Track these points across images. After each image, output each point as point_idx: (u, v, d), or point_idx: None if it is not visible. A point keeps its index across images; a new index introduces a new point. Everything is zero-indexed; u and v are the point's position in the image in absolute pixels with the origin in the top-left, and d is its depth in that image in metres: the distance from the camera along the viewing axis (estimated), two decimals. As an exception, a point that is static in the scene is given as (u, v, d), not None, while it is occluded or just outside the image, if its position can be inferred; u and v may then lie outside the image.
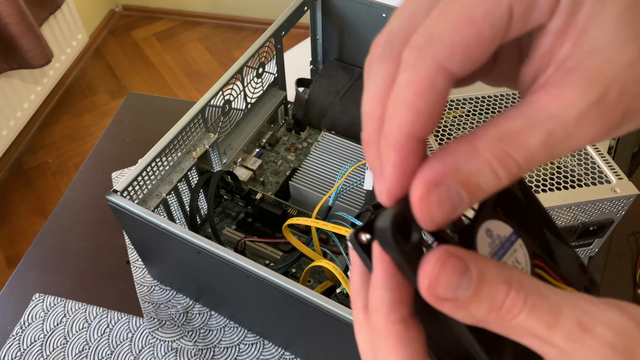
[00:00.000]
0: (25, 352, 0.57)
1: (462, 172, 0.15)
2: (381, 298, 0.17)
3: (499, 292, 0.15)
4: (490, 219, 0.19)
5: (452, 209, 0.15)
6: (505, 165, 0.15)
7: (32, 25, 1.47)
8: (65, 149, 1.68)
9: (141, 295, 0.61)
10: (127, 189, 0.50)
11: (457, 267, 0.15)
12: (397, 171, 0.16)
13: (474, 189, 0.15)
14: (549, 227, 0.21)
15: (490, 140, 0.15)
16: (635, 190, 0.49)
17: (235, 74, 0.59)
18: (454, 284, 0.15)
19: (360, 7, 0.67)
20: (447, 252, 0.15)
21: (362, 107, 0.17)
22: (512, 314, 0.15)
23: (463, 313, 0.15)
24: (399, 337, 0.16)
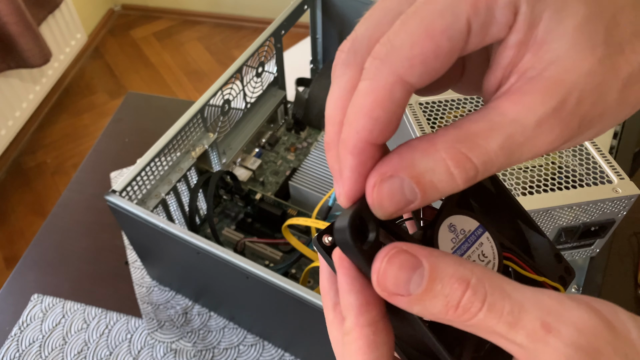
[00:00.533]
0: (23, 353, 0.57)
1: (417, 169, 0.15)
2: (348, 302, 0.17)
3: (455, 290, 0.15)
4: (454, 214, 0.19)
5: (405, 202, 0.15)
6: (461, 166, 0.15)
7: (31, 25, 1.46)
8: (63, 148, 1.68)
9: (140, 296, 0.61)
10: (126, 189, 0.49)
11: (407, 262, 0.15)
12: (354, 174, 0.16)
13: (428, 187, 0.15)
14: (522, 217, 0.21)
15: (449, 141, 0.15)
16: (637, 190, 0.48)
17: (234, 74, 0.59)
18: (404, 279, 0.15)
19: (360, 5, 0.66)
20: (396, 248, 0.16)
21: (325, 110, 0.18)
22: (469, 313, 0.15)
23: (419, 309, 0.15)
24: (367, 340, 0.17)
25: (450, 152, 0.15)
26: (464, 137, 0.15)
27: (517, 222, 0.21)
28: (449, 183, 0.15)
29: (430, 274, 0.15)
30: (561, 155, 0.51)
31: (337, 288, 0.19)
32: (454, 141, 0.15)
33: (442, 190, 0.15)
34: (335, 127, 0.17)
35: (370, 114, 0.15)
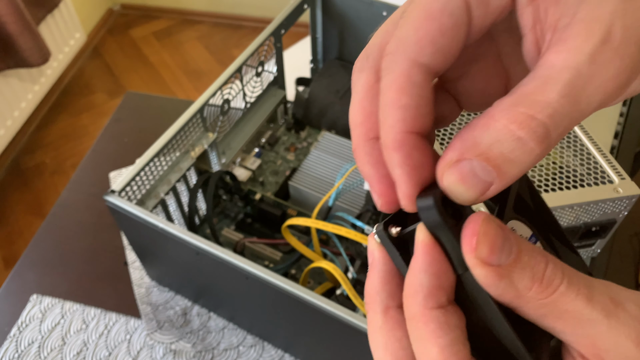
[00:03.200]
0: (22, 354, 0.57)
1: (482, 145, 0.14)
2: (420, 283, 0.16)
3: (539, 262, 0.15)
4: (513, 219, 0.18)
5: (482, 185, 0.14)
6: (526, 126, 0.14)
7: (30, 24, 1.46)
8: (62, 148, 1.67)
9: (139, 296, 0.61)
10: (125, 189, 0.49)
11: (499, 232, 0.15)
12: (407, 169, 0.15)
13: (500, 161, 0.14)
14: (558, 234, 0.21)
15: (505, 108, 0.14)
16: (638, 191, 0.48)
17: (234, 73, 0.58)
18: (498, 245, 0.15)
19: (360, 5, 0.66)
20: (489, 216, 0.15)
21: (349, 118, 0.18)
22: (553, 285, 0.15)
23: (505, 284, 0.15)
24: (438, 322, 0.16)
25: (511, 117, 0.14)
26: (520, 100, 0.14)
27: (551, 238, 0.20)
28: (522, 149, 0.14)
29: (518, 245, 0.15)
30: (562, 155, 0.51)
31: (390, 289, 0.17)
32: (510, 106, 0.14)
33: (517, 160, 0.14)
34: (357, 130, 0.17)
35: (397, 103, 0.15)
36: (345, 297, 0.50)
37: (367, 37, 0.70)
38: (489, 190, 0.15)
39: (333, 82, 0.71)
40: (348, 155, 0.64)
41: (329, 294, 0.54)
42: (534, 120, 0.14)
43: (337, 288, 0.52)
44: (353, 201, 0.59)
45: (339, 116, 0.69)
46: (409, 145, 0.15)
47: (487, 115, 0.15)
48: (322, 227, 0.49)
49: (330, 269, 0.46)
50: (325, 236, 0.59)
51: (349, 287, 0.45)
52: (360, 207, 0.58)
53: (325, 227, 0.49)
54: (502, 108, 0.14)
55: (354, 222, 0.52)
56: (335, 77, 0.72)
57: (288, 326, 0.50)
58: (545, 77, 0.14)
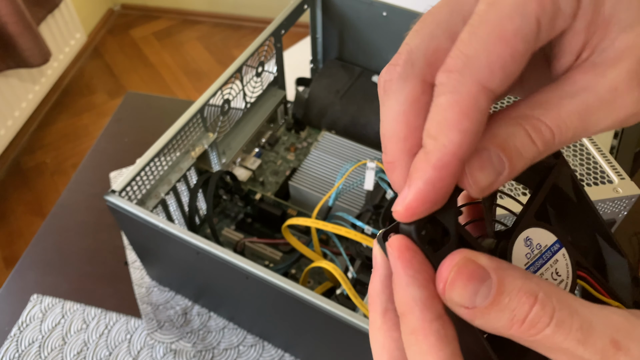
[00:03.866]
0: (22, 354, 0.57)
1: (500, 137, 0.15)
2: (412, 296, 0.16)
3: (522, 304, 0.14)
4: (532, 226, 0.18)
5: (495, 173, 0.15)
6: (537, 129, 0.15)
7: (30, 24, 1.46)
8: (63, 148, 1.67)
9: (140, 296, 0.61)
10: (125, 189, 0.49)
11: (475, 274, 0.15)
12: (430, 188, 0.15)
13: (513, 152, 0.15)
14: (602, 233, 0.20)
15: (521, 109, 0.15)
16: (638, 190, 0.48)
17: (234, 73, 0.59)
18: (471, 291, 0.15)
19: (360, 5, 0.66)
20: (465, 258, 0.15)
21: (383, 127, 0.17)
22: (536, 328, 0.14)
23: (481, 322, 0.15)
24: (438, 335, 0.16)
25: (525, 119, 0.15)
26: (536, 105, 0.15)
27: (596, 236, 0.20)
28: (531, 147, 0.15)
29: (498, 287, 0.15)
30: (562, 155, 0.51)
31: (389, 293, 0.18)
32: (527, 109, 0.15)
33: (526, 156, 0.15)
34: (400, 144, 0.17)
35: (459, 126, 0.15)
36: (345, 297, 0.50)
37: (367, 37, 0.70)
38: (497, 181, 0.15)
39: (333, 82, 0.71)
40: (348, 155, 0.64)
41: (329, 294, 0.54)
42: (543, 125, 0.15)
43: (337, 288, 0.52)
44: (353, 201, 0.59)
45: (339, 116, 0.69)
46: (448, 171, 0.15)
47: (503, 114, 0.16)
48: (322, 227, 0.49)
49: (330, 268, 0.47)
50: (325, 236, 0.59)
51: (348, 287, 0.45)
52: (360, 207, 0.58)
53: (325, 227, 0.49)
54: (517, 109, 0.16)
55: (354, 222, 0.52)
56: (335, 77, 0.72)
57: (288, 326, 0.50)
58: (564, 91, 0.15)
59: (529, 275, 0.15)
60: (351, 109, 0.69)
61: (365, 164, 0.55)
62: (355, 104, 0.69)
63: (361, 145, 0.65)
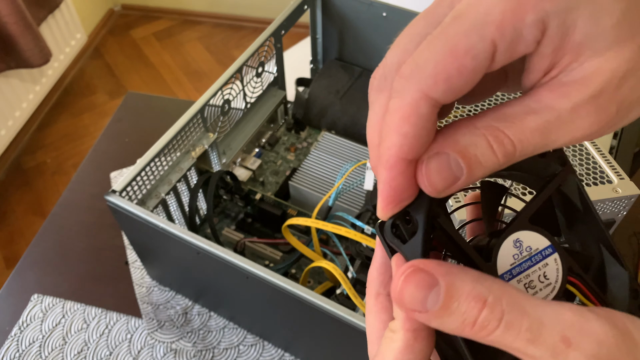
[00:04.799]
0: (23, 353, 0.57)
1: (461, 144, 0.16)
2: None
3: (471, 308, 0.15)
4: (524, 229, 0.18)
5: (452, 178, 0.16)
6: (499, 141, 0.16)
7: (31, 25, 1.46)
8: (63, 148, 1.68)
9: (140, 296, 0.61)
10: (126, 189, 0.49)
11: (423, 281, 0.16)
12: (387, 188, 0.17)
13: (472, 161, 0.16)
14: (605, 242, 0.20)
15: (487, 120, 0.16)
16: (637, 191, 0.48)
17: (234, 74, 0.59)
18: (420, 297, 0.16)
19: (360, 6, 0.66)
20: (413, 267, 0.16)
21: (367, 136, 0.19)
22: (486, 330, 0.15)
23: (437, 324, 0.16)
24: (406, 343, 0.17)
25: (489, 129, 0.16)
26: (502, 118, 0.16)
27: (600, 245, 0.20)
28: (491, 157, 0.16)
29: (446, 293, 0.15)
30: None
31: (383, 279, 0.20)
32: (492, 120, 0.16)
33: (485, 165, 0.16)
34: (374, 151, 0.19)
35: (399, 130, 0.16)
36: (345, 297, 0.50)
37: (366, 37, 0.70)
38: (455, 185, 0.16)
39: (333, 82, 0.71)
40: (348, 155, 0.64)
41: (329, 294, 0.54)
42: (506, 138, 0.16)
43: (337, 287, 0.52)
44: (353, 201, 0.59)
45: (339, 116, 0.70)
46: (397, 170, 0.17)
47: (469, 122, 0.16)
48: (322, 226, 0.49)
49: (330, 268, 0.47)
50: (325, 236, 0.60)
51: (348, 287, 0.45)
52: (360, 207, 0.58)
53: (325, 227, 0.49)
54: (484, 119, 0.16)
55: (353, 222, 0.52)
56: (335, 77, 0.72)
57: (288, 325, 0.51)
58: (529, 107, 0.16)
59: (481, 278, 0.16)
60: (351, 109, 0.69)
61: (365, 164, 0.55)
62: (355, 104, 0.69)
63: (361, 145, 0.65)
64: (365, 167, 0.56)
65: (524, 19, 0.15)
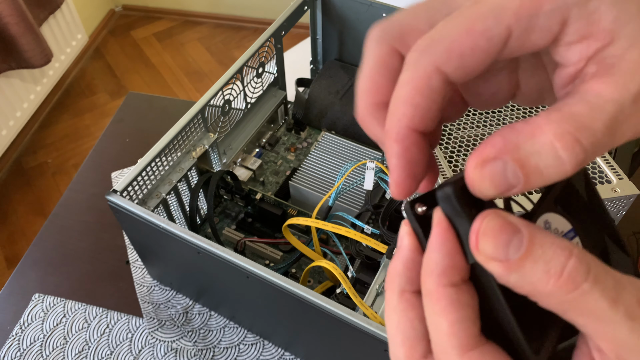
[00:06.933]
0: (24, 352, 0.57)
1: (522, 152, 0.15)
2: (435, 262, 0.16)
3: (558, 256, 0.14)
4: (551, 211, 0.18)
5: (506, 187, 0.15)
6: (570, 148, 0.14)
7: (32, 25, 1.47)
8: (64, 149, 1.68)
9: (141, 295, 0.61)
10: (127, 189, 0.49)
11: (506, 226, 0.15)
12: (402, 161, 0.17)
13: (532, 171, 0.15)
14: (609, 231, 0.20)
15: (555, 122, 0.15)
16: (636, 190, 0.48)
17: (235, 74, 0.59)
18: (503, 241, 0.15)
19: (360, 6, 0.66)
20: (496, 212, 0.15)
21: (357, 84, 0.19)
22: (574, 282, 0.14)
23: (516, 277, 0.15)
24: (450, 299, 0.16)
25: (558, 134, 0.14)
26: (569, 118, 0.15)
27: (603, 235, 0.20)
28: (557, 168, 0.14)
29: (530, 239, 0.15)
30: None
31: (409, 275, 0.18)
32: (560, 121, 0.15)
33: (546, 176, 0.15)
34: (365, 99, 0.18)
35: (411, 101, 0.16)
36: (345, 296, 0.50)
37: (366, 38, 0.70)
38: (509, 192, 0.15)
39: (333, 82, 0.71)
40: (348, 155, 0.65)
41: (329, 293, 0.55)
42: (578, 144, 0.14)
43: (337, 287, 0.52)
44: (353, 201, 0.59)
45: (339, 116, 0.70)
46: (409, 141, 0.16)
47: (534, 124, 0.15)
48: (322, 226, 0.49)
49: (330, 268, 0.47)
50: (326, 235, 0.60)
51: (348, 286, 0.45)
52: (360, 207, 0.58)
53: (325, 227, 0.49)
54: (550, 121, 0.15)
55: (353, 222, 0.52)
56: (335, 77, 0.72)
57: (288, 325, 0.51)
58: (593, 104, 0.15)
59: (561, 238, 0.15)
60: (351, 109, 0.69)
61: (365, 164, 0.56)
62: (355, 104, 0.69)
63: (361, 145, 0.66)
64: (365, 167, 0.56)
65: (542, 7, 0.15)
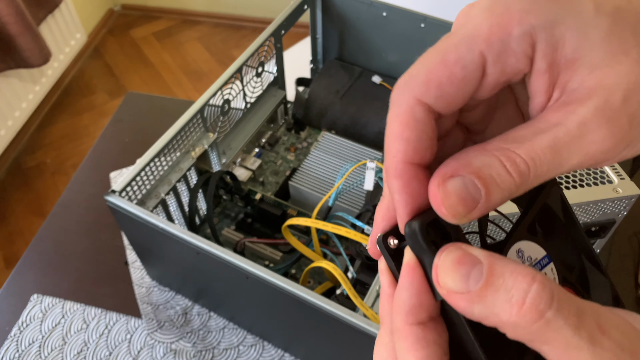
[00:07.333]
0: (23, 353, 0.57)
1: (474, 165, 0.16)
2: (402, 300, 0.17)
3: (520, 282, 0.14)
4: (524, 239, 0.18)
5: (471, 201, 0.16)
6: (512, 161, 0.15)
7: (31, 25, 1.46)
8: (63, 148, 1.67)
9: (140, 296, 0.61)
10: (126, 189, 0.49)
11: (464, 258, 0.15)
12: (404, 196, 0.17)
13: (489, 181, 0.15)
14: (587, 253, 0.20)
15: (497, 143, 0.16)
16: (637, 191, 0.48)
17: (234, 74, 0.59)
18: (462, 274, 0.15)
19: (360, 5, 0.66)
20: (455, 245, 0.16)
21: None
22: (538, 310, 0.14)
23: (480, 308, 0.15)
24: (416, 337, 0.17)
25: (500, 151, 0.16)
26: (511, 140, 0.16)
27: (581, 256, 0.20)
28: (507, 178, 0.15)
29: (489, 269, 0.15)
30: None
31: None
32: (502, 142, 0.16)
33: (502, 186, 0.15)
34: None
35: (400, 135, 0.17)
36: (345, 297, 0.50)
37: (366, 37, 0.70)
38: (475, 210, 0.16)
39: (333, 82, 0.71)
40: (348, 155, 0.64)
41: (329, 294, 0.54)
42: (518, 157, 0.15)
43: (337, 288, 0.52)
44: (353, 201, 0.59)
45: (339, 116, 0.69)
46: (408, 175, 0.17)
47: (480, 146, 0.16)
48: (322, 226, 0.49)
49: (330, 268, 0.47)
50: (325, 236, 0.60)
51: (348, 287, 0.45)
52: (360, 207, 0.58)
53: (325, 227, 0.49)
54: (494, 142, 0.16)
55: (353, 222, 0.52)
56: (335, 77, 0.72)
57: (288, 326, 0.51)
58: (537, 128, 0.16)
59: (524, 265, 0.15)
60: (351, 109, 0.69)
61: (365, 164, 0.55)
62: (355, 104, 0.69)
63: (361, 145, 0.65)
64: (365, 167, 0.56)
65: (511, 32, 0.16)
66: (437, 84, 0.16)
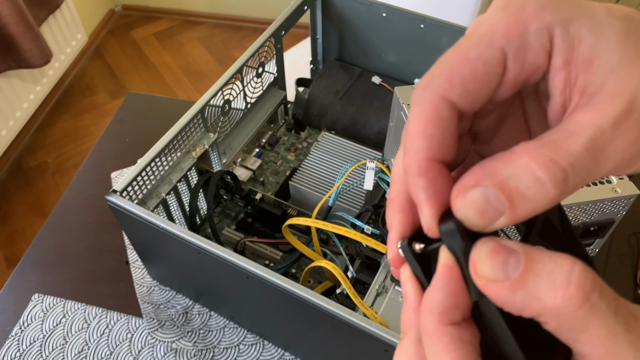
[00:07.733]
0: (24, 353, 0.57)
1: (500, 176, 0.15)
2: (437, 300, 0.16)
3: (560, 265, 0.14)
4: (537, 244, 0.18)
5: (493, 213, 0.15)
6: (547, 168, 0.14)
7: (32, 25, 1.46)
8: (64, 149, 1.68)
9: (140, 295, 0.61)
10: (127, 189, 0.49)
11: (499, 247, 0.15)
12: (430, 194, 0.16)
13: (515, 194, 0.14)
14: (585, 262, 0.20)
15: (531, 148, 0.15)
16: (636, 190, 0.48)
17: (235, 74, 0.59)
18: (500, 262, 0.15)
19: (360, 6, 0.66)
20: (489, 237, 0.16)
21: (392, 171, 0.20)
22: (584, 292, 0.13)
23: (523, 295, 0.14)
24: (452, 338, 0.16)
25: (534, 156, 0.14)
26: (545, 144, 0.15)
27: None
28: (538, 189, 0.14)
29: (527, 255, 0.14)
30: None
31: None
32: (536, 147, 0.15)
33: (532, 198, 0.14)
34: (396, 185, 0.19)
35: (424, 133, 0.16)
36: (345, 296, 0.50)
37: (366, 38, 0.70)
38: (498, 222, 0.15)
39: (333, 82, 0.71)
40: (348, 155, 0.64)
41: (329, 293, 0.55)
42: (555, 164, 0.14)
43: (337, 287, 0.52)
44: (353, 201, 0.59)
45: (339, 116, 0.70)
46: (433, 172, 0.16)
47: (511, 151, 0.15)
48: (322, 226, 0.49)
49: (330, 268, 0.47)
50: (325, 236, 0.60)
51: (348, 286, 0.45)
52: (360, 207, 0.58)
53: (325, 227, 0.49)
54: (526, 147, 0.15)
55: (353, 222, 0.52)
56: (335, 77, 0.72)
57: (288, 325, 0.51)
58: (571, 130, 0.15)
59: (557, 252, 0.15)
60: (351, 109, 0.69)
61: (365, 164, 0.56)
62: (355, 104, 0.69)
63: (361, 145, 0.65)
64: (365, 167, 0.56)
65: (528, 28, 0.16)
66: (460, 80, 0.16)
